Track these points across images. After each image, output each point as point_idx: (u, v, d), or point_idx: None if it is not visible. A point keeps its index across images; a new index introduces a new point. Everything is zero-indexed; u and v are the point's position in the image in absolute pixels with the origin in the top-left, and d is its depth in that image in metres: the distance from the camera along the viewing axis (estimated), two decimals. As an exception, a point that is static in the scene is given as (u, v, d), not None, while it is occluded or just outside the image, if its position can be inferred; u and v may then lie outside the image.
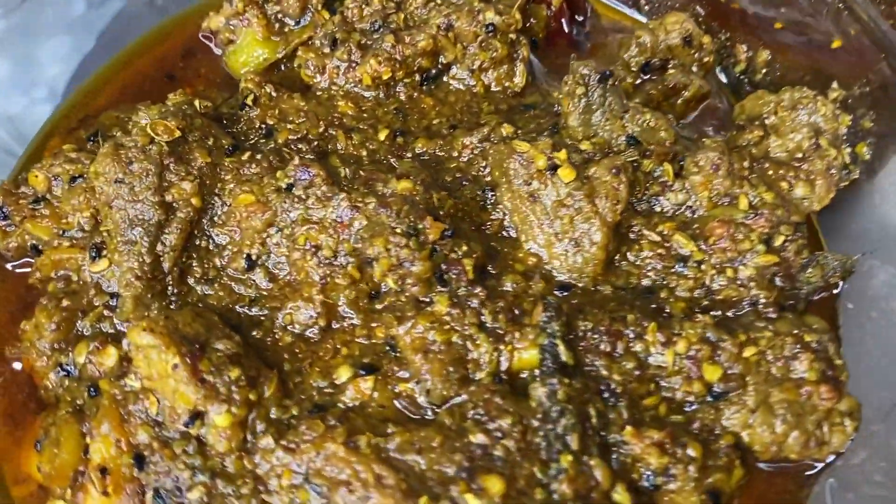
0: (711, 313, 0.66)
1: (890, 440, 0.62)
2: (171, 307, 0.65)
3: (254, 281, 0.67)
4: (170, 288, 0.66)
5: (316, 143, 0.72)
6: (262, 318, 0.66)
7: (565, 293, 0.67)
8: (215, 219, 0.68)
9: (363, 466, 0.57)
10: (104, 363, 0.63)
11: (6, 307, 0.69)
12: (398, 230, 0.64)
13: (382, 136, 0.74)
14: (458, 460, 0.58)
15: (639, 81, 0.78)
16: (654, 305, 0.67)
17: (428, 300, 0.65)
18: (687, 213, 0.70)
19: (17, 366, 0.66)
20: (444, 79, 0.78)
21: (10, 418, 0.65)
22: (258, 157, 0.70)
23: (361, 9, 0.77)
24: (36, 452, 0.61)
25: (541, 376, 0.62)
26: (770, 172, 0.70)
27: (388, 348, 0.65)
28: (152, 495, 0.58)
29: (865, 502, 0.62)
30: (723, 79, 0.83)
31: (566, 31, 0.84)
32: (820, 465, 0.63)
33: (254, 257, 0.67)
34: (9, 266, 0.70)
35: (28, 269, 0.70)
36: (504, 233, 0.70)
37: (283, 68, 0.79)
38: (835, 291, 0.70)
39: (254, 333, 0.65)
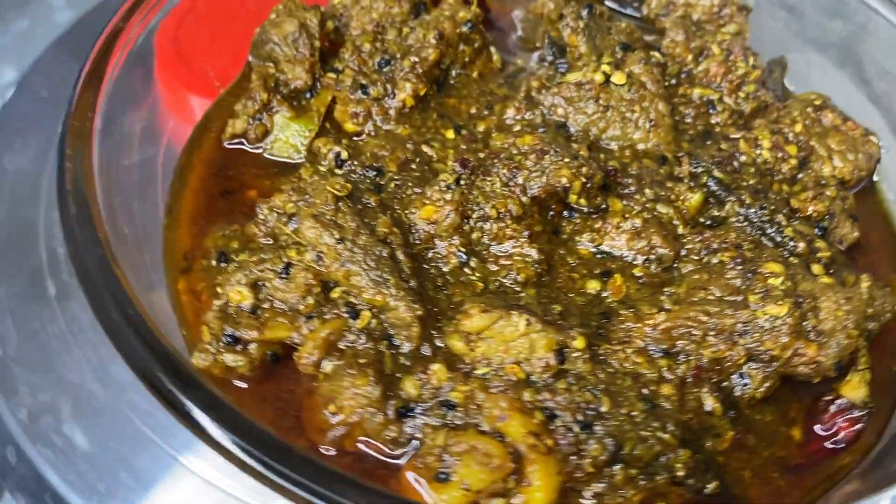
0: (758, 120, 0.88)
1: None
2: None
3: (472, 268, 0.74)
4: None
5: (417, 159, 0.81)
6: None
7: (663, 163, 0.84)
8: (411, 240, 0.74)
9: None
10: (435, 379, 0.66)
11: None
12: (567, 158, 0.76)
13: (451, 135, 0.84)
14: (735, 286, 0.72)
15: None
16: (716, 140, 0.87)
17: (604, 207, 0.78)
18: (684, 76, 0.92)
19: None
20: (450, 81, 0.91)
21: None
22: (398, 182, 0.77)
23: (361, 57, 0.87)
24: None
25: (721, 201, 0.79)
26: (709, 28, 0.95)
27: (600, 256, 0.77)
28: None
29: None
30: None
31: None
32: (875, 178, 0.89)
33: (464, 251, 0.74)
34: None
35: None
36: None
37: (318, 136, 0.86)
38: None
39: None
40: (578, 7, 0.89)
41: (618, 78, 0.84)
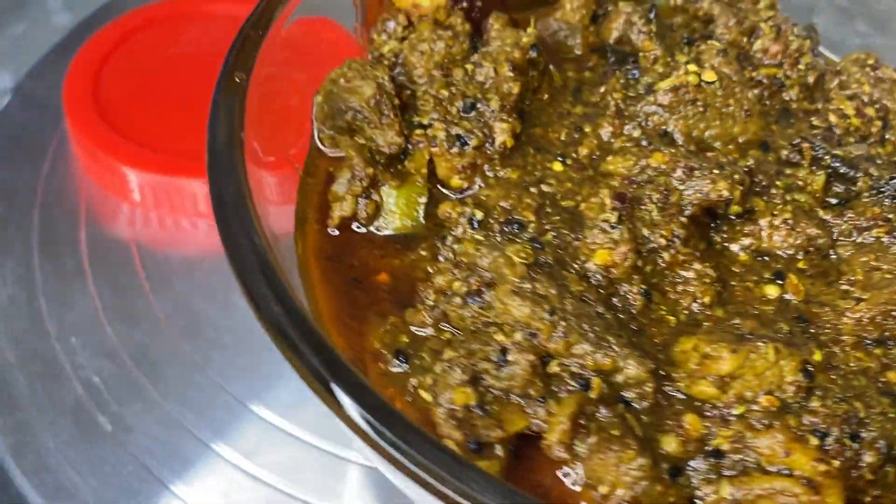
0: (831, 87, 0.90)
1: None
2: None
3: (657, 304, 0.72)
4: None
5: (547, 202, 0.77)
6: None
7: (766, 150, 0.84)
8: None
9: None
10: (694, 431, 0.64)
11: None
12: (717, 170, 0.74)
13: (558, 167, 0.81)
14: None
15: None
16: (797, 117, 0.88)
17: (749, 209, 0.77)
18: (743, 59, 0.92)
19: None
20: (525, 110, 0.86)
21: None
22: (552, 231, 0.73)
23: (442, 105, 0.81)
24: None
25: (849, 179, 0.80)
26: (743, 6, 0.96)
27: (760, 259, 0.76)
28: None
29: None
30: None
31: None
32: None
33: (645, 287, 0.71)
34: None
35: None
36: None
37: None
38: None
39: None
40: (644, 11, 0.87)
41: (708, 76, 0.83)
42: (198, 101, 1.20)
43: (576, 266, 0.71)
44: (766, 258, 0.76)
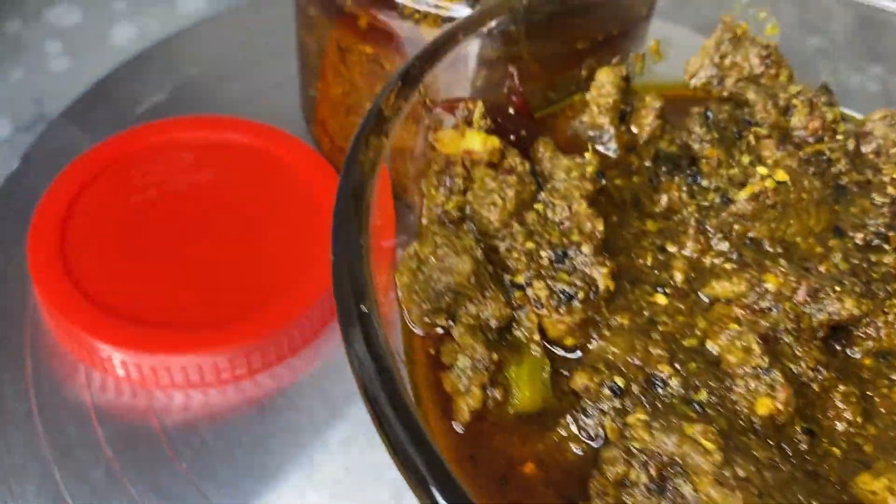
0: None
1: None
2: None
3: (817, 436, 0.70)
4: None
5: (672, 347, 0.74)
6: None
7: (841, 235, 0.84)
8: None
9: None
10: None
11: None
12: (838, 287, 0.73)
13: (662, 300, 0.78)
14: None
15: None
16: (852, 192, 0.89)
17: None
18: (783, 139, 0.91)
19: None
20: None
21: None
22: (704, 387, 0.70)
23: (533, 260, 0.76)
24: None
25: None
26: (763, 81, 0.95)
27: (884, 360, 0.76)
28: None
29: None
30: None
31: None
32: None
33: (807, 425, 0.70)
34: None
35: None
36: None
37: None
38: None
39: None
40: (702, 119, 0.85)
41: (780, 176, 0.82)
42: (172, 254, 1.10)
43: (741, 423, 0.68)
44: (888, 358, 0.76)
